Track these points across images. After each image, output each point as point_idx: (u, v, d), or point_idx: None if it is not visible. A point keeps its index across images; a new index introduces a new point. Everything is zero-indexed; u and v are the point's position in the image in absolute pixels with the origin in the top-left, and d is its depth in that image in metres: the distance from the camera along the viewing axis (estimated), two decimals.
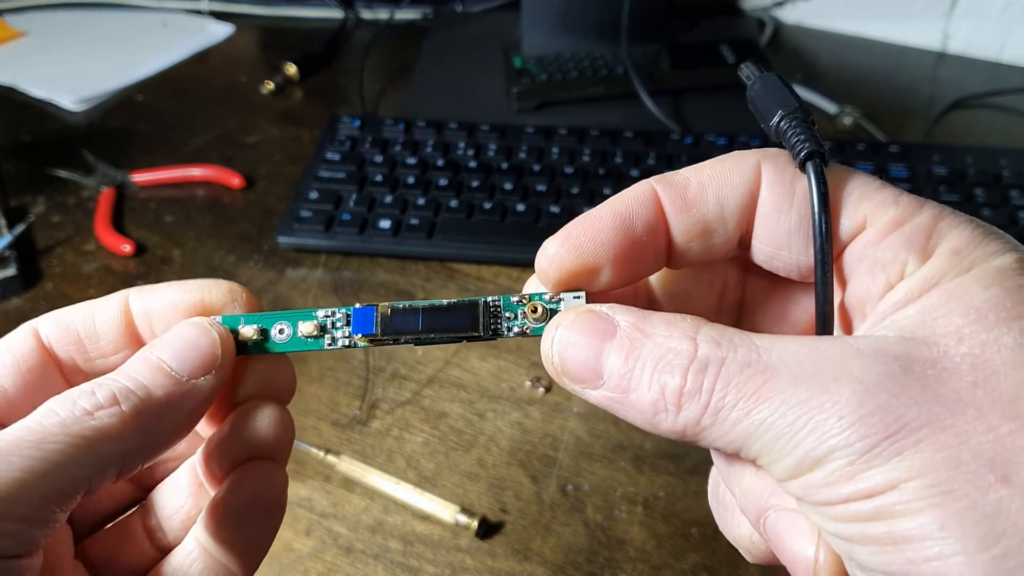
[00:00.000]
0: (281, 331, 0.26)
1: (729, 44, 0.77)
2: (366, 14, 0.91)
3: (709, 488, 0.27)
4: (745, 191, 0.23)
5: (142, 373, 0.23)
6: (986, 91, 0.76)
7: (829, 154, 0.22)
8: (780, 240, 0.23)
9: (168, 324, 0.25)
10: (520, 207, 0.61)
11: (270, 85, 0.79)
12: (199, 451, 0.26)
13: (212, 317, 0.26)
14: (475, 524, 0.44)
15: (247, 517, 0.25)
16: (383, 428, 0.50)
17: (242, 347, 0.26)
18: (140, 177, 0.68)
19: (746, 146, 0.65)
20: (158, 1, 0.93)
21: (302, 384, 0.52)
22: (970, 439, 0.17)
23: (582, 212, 0.23)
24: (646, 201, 0.23)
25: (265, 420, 0.25)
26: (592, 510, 0.45)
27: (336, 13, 0.91)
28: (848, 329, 0.23)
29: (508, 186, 0.62)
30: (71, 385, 0.26)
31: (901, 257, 0.21)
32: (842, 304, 0.23)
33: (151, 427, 0.23)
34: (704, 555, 0.43)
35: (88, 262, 0.62)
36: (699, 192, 0.23)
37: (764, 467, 0.20)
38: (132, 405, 0.22)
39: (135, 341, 0.26)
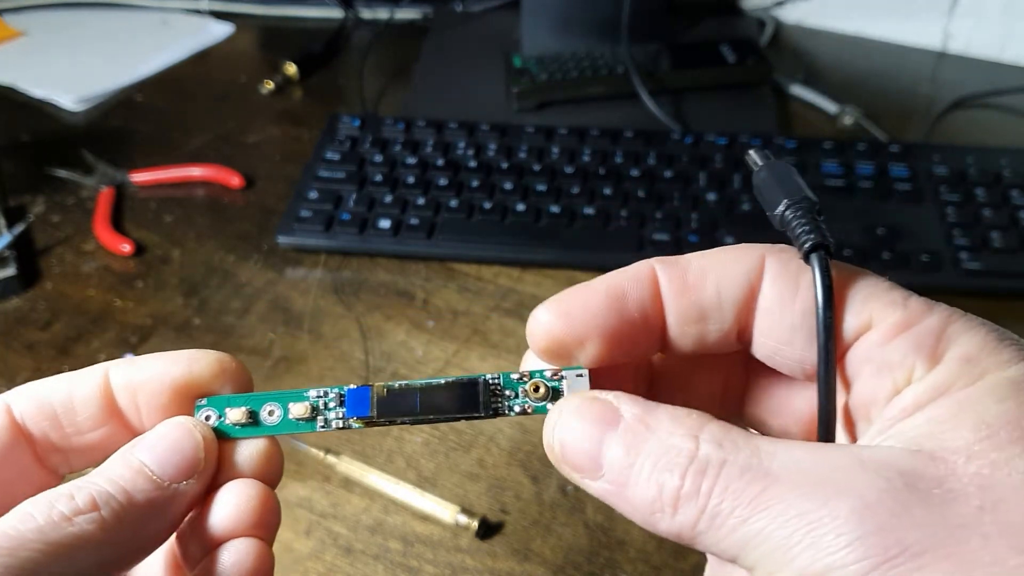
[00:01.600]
0: (271, 413, 0.25)
1: (729, 44, 0.77)
2: (366, 14, 0.91)
3: None
4: (745, 281, 0.22)
5: (123, 476, 0.22)
6: (987, 91, 0.76)
7: (834, 247, 0.21)
8: (783, 335, 0.22)
9: (154, 399, 0.24)
10: (520, 207, 0.60)
11: (270, 85, 0.79)
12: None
13: (198, 400, 0.25)
14: (475, 524, 0.44)
15: None
16: (383, 428, 0.50)
17: (229, 431, 0.25)
18: (140, 177, 0.68)
19: (747, 146, 0.65)
20: (158, 1, 0.93)
21: (302, 384, 0.52)
22: (974, 571, 0.16)
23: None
24: (643, 279, 0.23)
25: (251, 501, 0.24)
26: (592, 510, 0.45)
27: (336, 13, 0.91)
28: (853, 433, 0.22)
29: (508, 186, 0.62)
30: (43, 464, 0.24)
31: (909, 361, 0.20)
32: (847, 406, 0.22)
33: (131, 534, 0.22)
34: (704, 556, 0.43)
35: (87, 262, 0.62)
36: (699, 277, 0.22)
37: None
38: (112, 511, 0.21)
39: (115, 417, 0.24)
